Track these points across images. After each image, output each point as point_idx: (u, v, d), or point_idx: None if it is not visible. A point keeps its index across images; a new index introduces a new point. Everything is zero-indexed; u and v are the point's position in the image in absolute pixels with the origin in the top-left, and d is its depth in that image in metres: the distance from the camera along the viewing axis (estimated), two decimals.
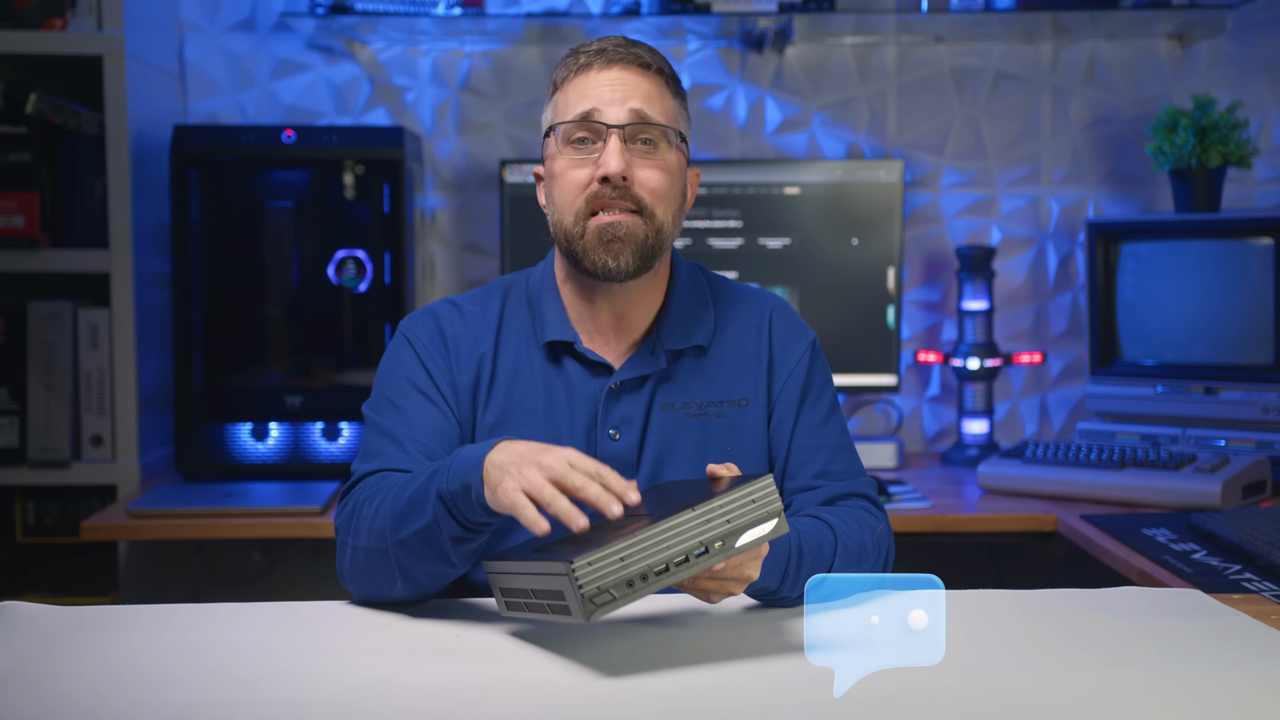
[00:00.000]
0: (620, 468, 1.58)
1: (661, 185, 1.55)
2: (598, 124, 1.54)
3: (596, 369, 1.61)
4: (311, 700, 1.20)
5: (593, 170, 1.54)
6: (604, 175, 1.52)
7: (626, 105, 1.54)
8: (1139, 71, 2.97)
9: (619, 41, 1.59)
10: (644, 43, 1.60)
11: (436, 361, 1.60)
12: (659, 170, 1.55)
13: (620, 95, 1.55)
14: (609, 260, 1.54)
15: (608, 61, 1.56)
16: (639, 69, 1.57)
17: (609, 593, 1.23)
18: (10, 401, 2.59)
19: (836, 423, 1.67)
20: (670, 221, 1.57)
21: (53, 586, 2.65)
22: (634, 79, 1.56)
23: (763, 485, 1.30)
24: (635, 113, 1.54)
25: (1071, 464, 2.48)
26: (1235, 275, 2.57)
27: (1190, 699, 1.19)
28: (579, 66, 1.57)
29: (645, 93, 1.56)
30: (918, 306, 3.01)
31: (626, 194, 1.54)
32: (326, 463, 2.63)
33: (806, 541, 1.48)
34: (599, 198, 1.53)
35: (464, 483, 1.35)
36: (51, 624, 1.43)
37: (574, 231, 1.55)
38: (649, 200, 1.54)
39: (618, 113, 1.54)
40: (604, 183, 1.53)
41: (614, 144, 1.53)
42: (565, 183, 1.56)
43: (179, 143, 2.60)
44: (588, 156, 1.55)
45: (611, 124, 1.54)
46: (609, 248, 1.54)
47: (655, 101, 1.56)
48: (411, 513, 1.40)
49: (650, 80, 1.57)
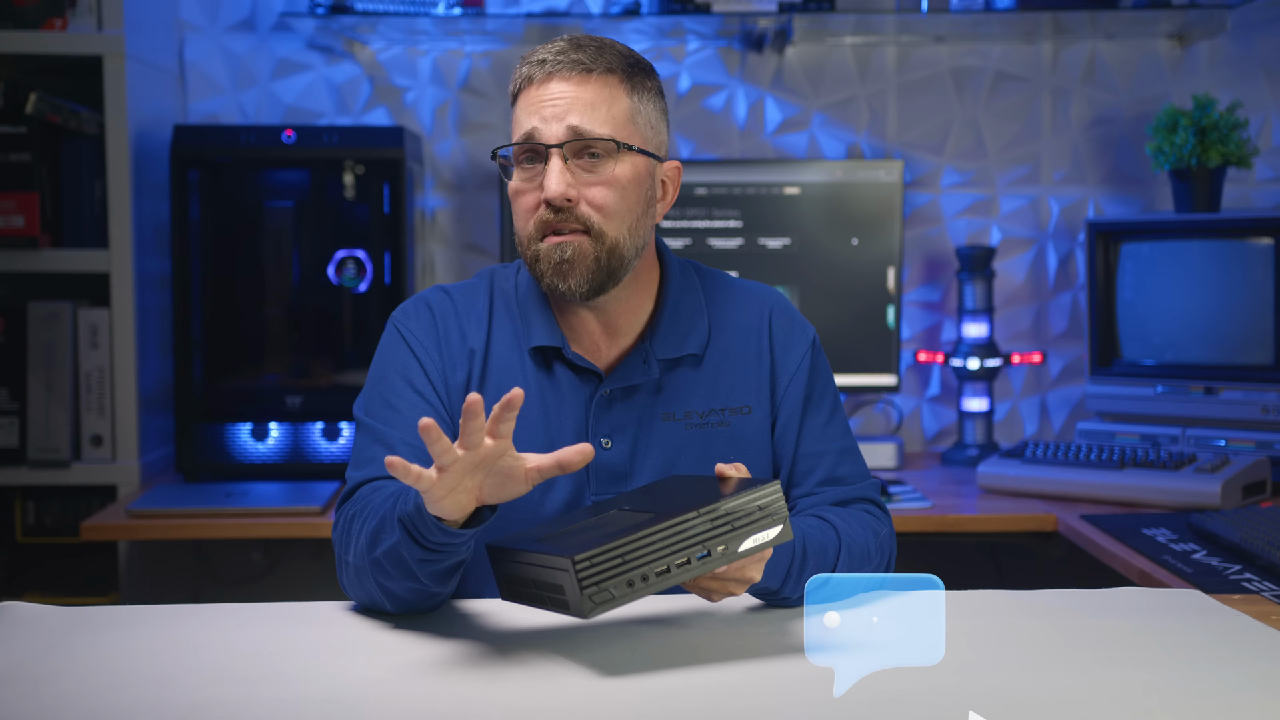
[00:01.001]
0: (612, 477, 1.56)
1: (609, 202, 1.50)
2: (537, 145, 1.49)
3: (586, 375, 1.58)
4: (311, 700, 1.20)
5: (539, 193, 1.50)
6: (543, 199, 1.49)
7: (564, 122, 1.48)
8: (1139, 71, 2.97)
9: (562, 47, 1.51)
10: (600, 38, 1.54)
11: (430, 355, 1.57)
12: (605, 186, 1.49)
13: (558, 111, 1.48)
14: (559, 283, 1.51)
15: (547, 74, 1.50)
16: (579, 75, 1.49)
17: (609, 590, 1.23)
18: (10, 401, 2.59)
19: (839, 424, 1.65)
20: (627, 235, 1.51)
21: (53, 586, 2.65)
22: (573, 90, 1.49)
23: (769, 491, 1.30)
24: (572, 129, 1.48)
25: (1071, 464, 2.48)
26: (1235, 275, 2.57)
27: (1190, 699, 1.19)
28: (522, 79, 1.52)
29: (586, 103, 1.49)
30: (918, 306, 3.01)
31: (572, 215, 1.49)
32: (326, 463, 2.63)
33: (810, 543, 1.48)
34: (546, 223, 1.50)
35: (417, 503, 1.33)
36: (51, 624, 1.43)
37: (528, 255, 1.52)
38: (597, 220, 1.50)
39: (555, 130, 1.48)
40: (548, 206, 1.49)
41: (553, 165, 1.48)
42: (517, 205, 1.53)
43: (179, 143, 2.60)
44: (534, 178, 1.51)
45: (549, 143, 1.48)
46: (558, 270, 1.50)
47: (598, 109, 1.49)
48: (382, 533, 1.38)
49: (593, 87, 1.49)
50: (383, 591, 1.43)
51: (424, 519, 1.31)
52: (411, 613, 1.47)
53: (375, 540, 1.39)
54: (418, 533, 1.33)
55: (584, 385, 1.58)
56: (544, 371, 1.58)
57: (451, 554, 1.36)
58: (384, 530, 1.38)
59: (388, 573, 1.39)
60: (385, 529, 1.38)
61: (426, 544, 1.33)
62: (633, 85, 1.53)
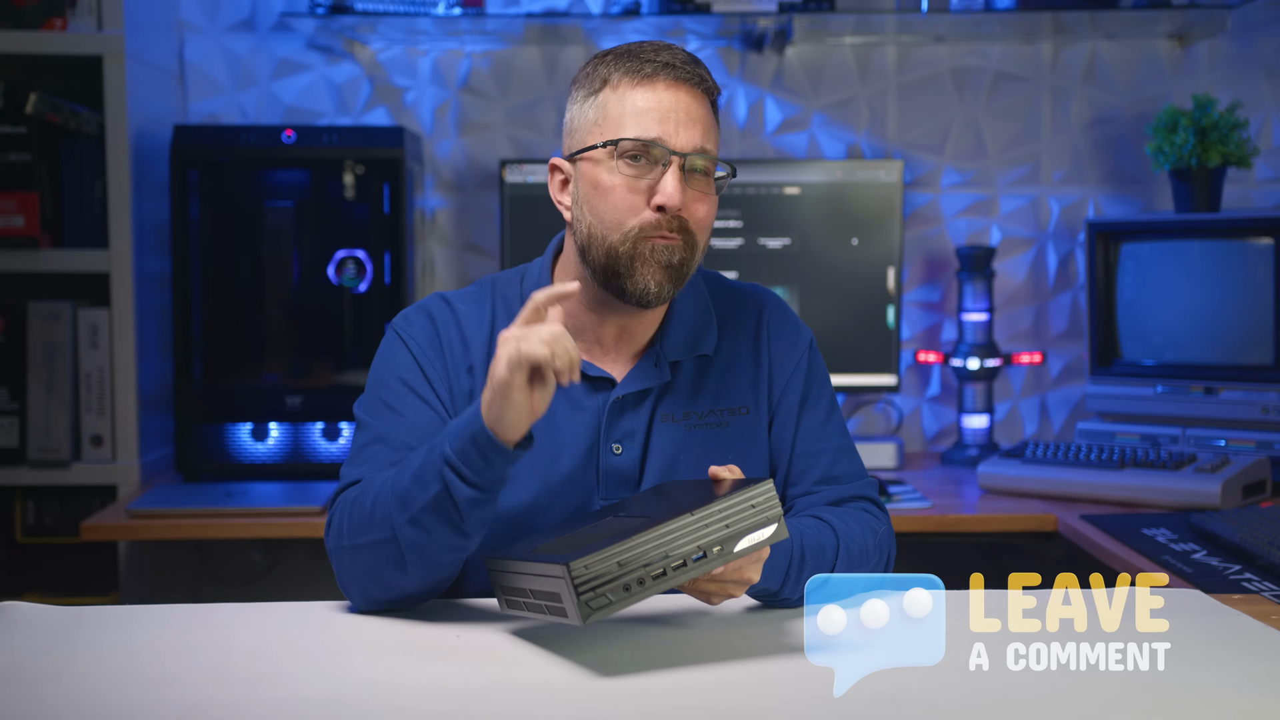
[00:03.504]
0: (622, 482, 1.56)
1: (709, 219, 1.53)
2: (661, 147, 1.49)
3: (598, 383, 1.57)
4: (311, 700, 1.20)
5: (646, 194, 1.49)
6: (660, 205, 1.49)
7: (693, 134, 1.50)
8: (1139, 71, 2.97)
9: (684, 57, 1.52)
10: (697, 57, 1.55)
11: (433, 362, 1.56)
12: (707, 204, 1.53)
13: (687, 121, 1.49)
14: (652, 285, 1.50)
15: (676, 79, 1.50)
16: (703, 94, 1.52)
17: (606, 595, 1.23)
18: (10, 401, 2.59)
19: (836, 424, 1.65)
20: (702, 250, 1.55)
21: (53, 586, 2.65)
22: (698, 106, 1.51)
23: (763, 490, 1.30)
24: (701, 146, 1.50)
25: (1071, 464, 2.48)
26: (1235, 275, 2.57)
27: (1190, 699, 1.19)
28: (642, 76, 1.50)
29: (706, 122, 1.51)
30: (918, 306, 3.01)
31: (678, 225, 1.50)
32: (326, 463, 2.63)
33: (809, 543, 1.48)
34: (654, 227, 1.49)
35: (468, 436, 1.35)
36: (51, 624, 1.43)
37: (620, 250, 1.50)
38: (697, 232, 1.52)
39: (685, 141, 1.49)
40: (659, 211, 1.49)
41: (675, 174, 1.48)
42: (616, 200, 1.50)
43: (179, 143, 2.60)
44: (642, 177, 1.50)
45: (677, 152, 1.49)
46: (657, 272, 1.50)
47: (713, 132, 1.53)
48: (416, 489, 1.38)
49: (708, 108, 1.53)
50: (413, 559, 1.40)
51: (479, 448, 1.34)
52: (425, 592, 1.45)
53: (407, 501, 1.39)
54: (469, 471, 1.35)
55: (595, 393, 1.57)
56: None
57: (496, 491, 1.38)
58: (419, 487, 1.38)
59: (428, 530, 1.38)
60: (420, 485, 1.38)
61: (479, 482, 1.36)
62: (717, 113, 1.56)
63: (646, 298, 1.50)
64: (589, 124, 1.52)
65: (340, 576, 1.48)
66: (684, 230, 1.50)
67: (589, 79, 1.54)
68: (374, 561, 1.43)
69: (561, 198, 1.58)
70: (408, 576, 1.43)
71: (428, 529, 1.38)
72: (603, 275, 1.52)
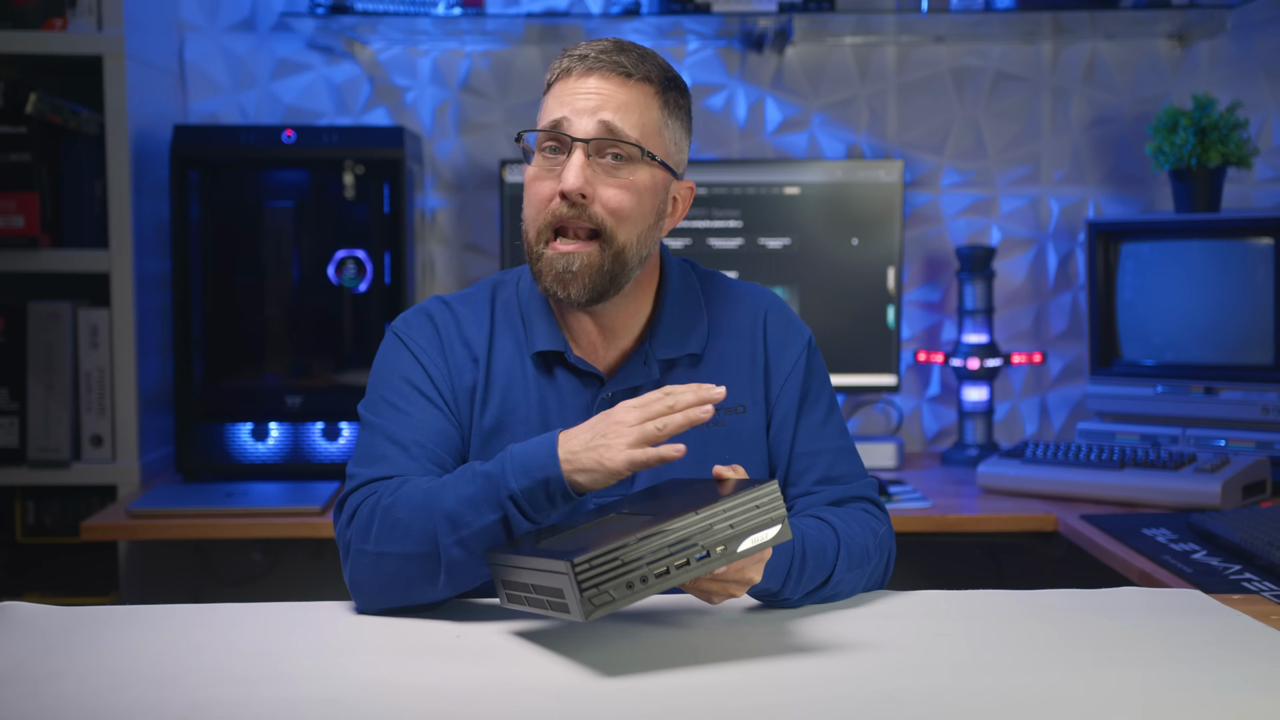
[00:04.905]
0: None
1: (624, 205, 1.49)
2: (563, 135, 1.49)
3: (588, 378, 1.58)
4: (311, 700, 1.20)
5: (556, 184, 1.50)
6: (561, 191, 1.49)
7: (596, 117, 1.48)
8: (1139, 71, 2.97)
9: (607, 46, 1.52)
10: (642, 47, 1.54)
11: (435, 361, 1.57)
12: (623, 189, 1.50)
13: (591, 105, 1.48)
14: (558, 290, 1.51)
15: (588, 68, 1.50)
16: (619, 77, 1.50)
17: (608, 593, 1.23)
18: (10, 401, 2.59)
19: (835, 423, 1.65)
20: (635, 242, 1.51)
21: (53, 586, 2.65)
22: (611, 89, 1.49)
23: (767, 491, 1.30)
24: (604, 125, 1.48)
25: (1071, 464, 2.48)
26: (1235, 275, 2.57)
27: (1189, 699, 1.19)
28: (561, 70, 1.52)
29: (621, 104, 1.49)
30: (918, 306, 3.01)
31: (585, 213, 1.49)
32: (326, 463, 2.63)
33: (810, 544, 1.47)
34: (558, 217, 1.50)
35: (540, 479, 1.37)
36: (51, 624, 1.43)
37: (534, 250, 1.52)
38: (609, 222, 1.49)
39: (585, 125, 1.48)
40: (564, 198, 1.49)
41: (575, 158, 1.48)
42: (531, 193, 1.53)
43: (179, 143, 2.60)
44: (554, 168, 1.51)
45: (576, 137, 1.49)
46: (560, 279, 1.50)
47: (631, 113, 1.49)
48: (470, 513, 1.39)
49: (630, 90, 1.50)
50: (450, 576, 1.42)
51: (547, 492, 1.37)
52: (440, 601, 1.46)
53: (457, 523, 1.40)
54: (530, 509, 1.38)
55: (586, 389, 1.58)
56: (546, 376, 1.58)
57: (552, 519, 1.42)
58: (472, 512, 1.40)
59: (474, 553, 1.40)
60: (473, 511, 1.40)
61: (537, 519, 1.39)
62: (665, 99, 1.53)
63: (567, 302, 1.53)
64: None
65: (352, 576, 1.47)
66: (591, 218, 1.49)
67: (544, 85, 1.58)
68: (401, 572, 1.43)
69: None
70: (435, 590, 1.44)
71: (476, 553, 1.41)
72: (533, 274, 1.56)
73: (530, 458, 1.39)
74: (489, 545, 1.40)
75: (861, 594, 1.56)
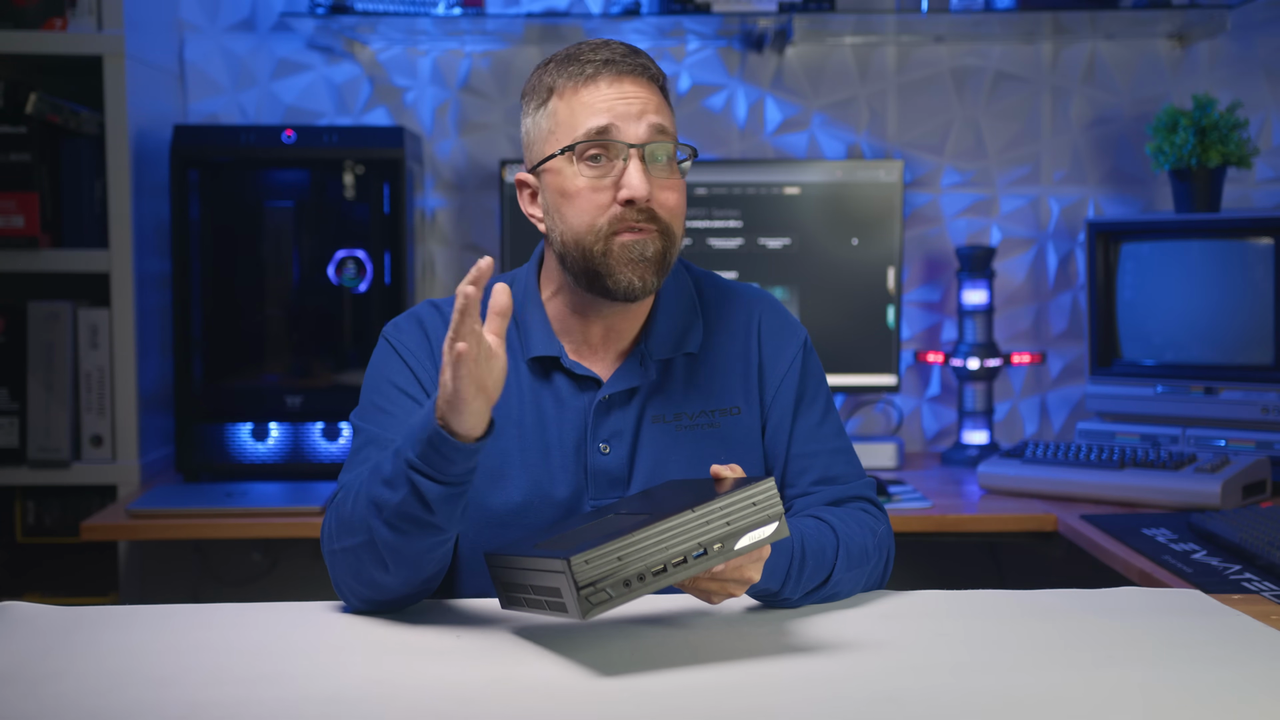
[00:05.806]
0: (611, 482, 1.56)
1: (679, 204, 1.53)
2: (617, 143, 1.49)
3: (584, 382, 1.58)
4: (311, 700, 1.20)
5: (612, 191, 1.50)
6: (628, 199, 1.48)
7: (644, 122, 1.50)
8: (1139, 71, 2.97)
9: (622, 50, 1.53)
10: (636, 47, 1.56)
11: (424, 365, 1.57)
12: (675, 190, 1.53)
13: (635, 110, 1.50)
14: (634, 280, 1.50)
15: (618, 74, 1.51)
16: (647, 81, 1.52)
17: (605, 591, 1.23)
18: (10, 401, 2.59)
19: (832, 424, 1.65)
20: (680, 240, 1.55)
21: (53, 586, 2.65)
22: (646, 94, 1.51)
23: (764, 488, 1.30)
24: (654, 129, 1.50)
25: (1071, 464, 2.48)
26: (1235, 275, 2.57)
27: (1189, 699, 1.19)
28: (585, 77, 1.51)
29: (657, 105, 1.52)
30: (918, 306, 3.01)
31: (650, 215, 1.50)
32: (326, 463, 2.63)
33: (809, 543, 1.47)
34: (622, 220, 1.50)
35: (423, 438, 1.32)
36: (51, 624, 1.43)
37: (595, 250, 1.50)
38: (669, 220, 1.52)
39: (637, 130, 1.49)
40: (627, 205, 1.49)
41: (636, 166, 1.49)
42: (583, 203, 1.50)
43: (179, 143, 2.60)
44: (605, 175, 1.50)
45: (633, 143, 1.49)
46: (635, 267, 1.50)
47: (665, 113, 1.52)
48: (387, 493, 1.36)
49: (657, 94, 1.53)
50: (393, 559, 1.39)
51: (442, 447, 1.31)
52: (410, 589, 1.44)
53: (380, 505, 1.37)
54: (435, 469, 1.32)
55: (582, 392, 1.58)
56: (542, 381, 1.58)
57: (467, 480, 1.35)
58: (388, 491, 1.36)
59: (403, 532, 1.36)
60: (389, 489, 1.36)
61: (446, 478, 1.33)
62: (666, 95, 1.56)
63: (631, 293, 1.51)
64: (544, 134, 1.54)
65: (333, 579, 1.48)
66: (655, 220, 1.50)
67: (535, 90, 1.55)
68: (358, 563, 1.43)
69: (533, 211, 1.59)
70: (391, 576, 1.42)
71: (403, 531, 1.37)
72: (585, 279, 1.53)
73: (416, 424, 1.35)
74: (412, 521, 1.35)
75: (861, 594, 1.56)
